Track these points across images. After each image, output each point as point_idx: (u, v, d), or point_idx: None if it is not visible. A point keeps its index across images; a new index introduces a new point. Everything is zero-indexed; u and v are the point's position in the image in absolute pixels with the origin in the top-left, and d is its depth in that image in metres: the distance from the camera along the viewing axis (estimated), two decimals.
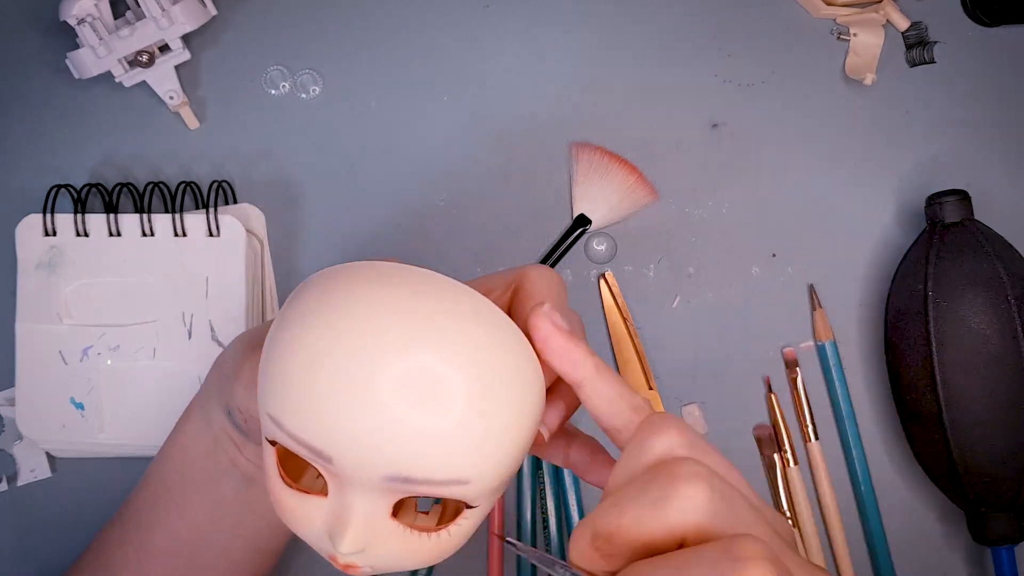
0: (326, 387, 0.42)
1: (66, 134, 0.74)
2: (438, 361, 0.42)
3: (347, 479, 0.44)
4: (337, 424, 0.42)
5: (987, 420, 0.67)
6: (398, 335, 0.42)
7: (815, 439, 0.73)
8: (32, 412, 0.70)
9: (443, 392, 0.42)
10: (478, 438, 0.43)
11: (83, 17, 0.69)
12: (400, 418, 0.42)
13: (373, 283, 0.44)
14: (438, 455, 0.43)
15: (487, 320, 0.44)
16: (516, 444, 0.45)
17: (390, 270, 0.45)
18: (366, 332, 0.42)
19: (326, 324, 0.43)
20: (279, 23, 0.75)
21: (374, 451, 0.42)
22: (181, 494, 0.60)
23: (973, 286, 0.68)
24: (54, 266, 0.70)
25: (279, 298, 0.73)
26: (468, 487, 0.44)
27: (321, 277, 0.46)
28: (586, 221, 0.73)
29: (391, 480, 0.43)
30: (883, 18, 0.75)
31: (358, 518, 0.44)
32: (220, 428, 0.59)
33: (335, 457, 0.43)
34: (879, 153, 0.75)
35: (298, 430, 0.43)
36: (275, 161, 0.74)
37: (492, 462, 0.44)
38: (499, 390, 0.43)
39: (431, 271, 0.46)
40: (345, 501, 0.44)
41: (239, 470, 0.59)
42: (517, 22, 0.75)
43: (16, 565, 0.72)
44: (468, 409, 0.43)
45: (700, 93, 0.76)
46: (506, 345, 0.44)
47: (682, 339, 0.74)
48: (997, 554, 0.70)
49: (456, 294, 0.45)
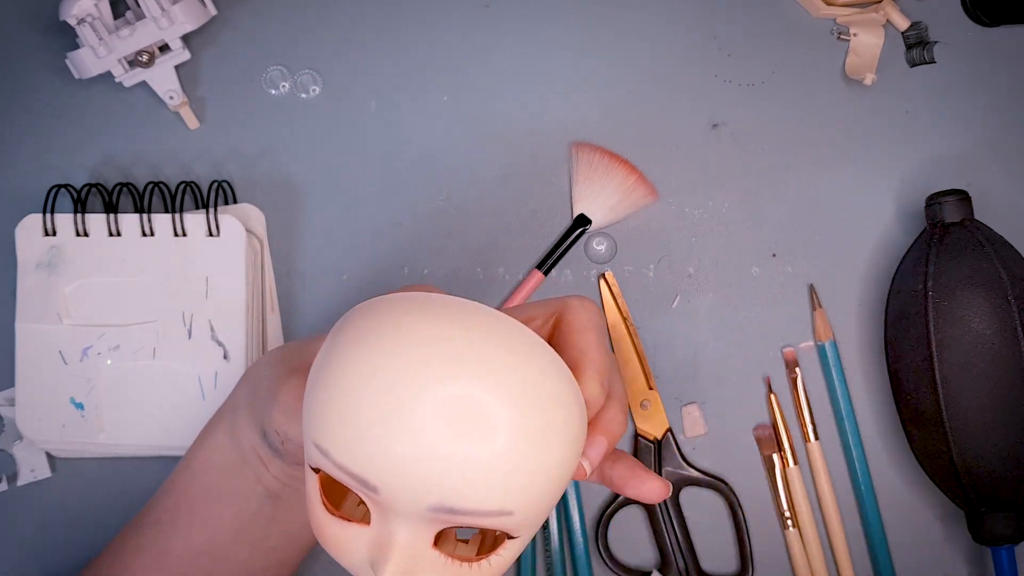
0: (373, 418, 0.43)
1: (66, 134, 0.74)
2: (483, 391, 0.43)
3: (391, 509, 0.44)
4: (383, 455, 0.43)
5: (987, 420, 0.67)
6: (443, 365, 0.43)
7: (815, 439, 0.73)
8: (32, 412, 0.70)
9: (488, 423, 0.43)
10: (523, 469, 0.43)
11: (83, 17, 0.69)
12: (446, 449, 0.42)
13: (416, 314, 0.45)
14: (483, 487, 0.43)
15: (531, 351, 0.45)
16: (560, 475, 0.45)
17: (434, 301, 0.46)
18: (411, 363, 0.43)
19: (371, 355, 0.43)
20: (279, 23, 0.75)
21: (420, 482, 0.43)
22: (203, 507, 0.61)
23: (973, 286, 0.68)
24: (54, 266, 0.70)
25: (279, 298, 0.73)
26: (512, 518, 0.44)
27: (366, 308, 0.46)
28: (586, 221, 0.73)
29: (435, 511, 0.44)
30: (883, 18, 0.75)
31: (401, 548, 0.45)
32: (248, 446, 0.59)
33: (380, 487, 0.43)
34: (879, 153, 0.76)
35: (345, 460, 0.44)
36: (275, 161, 0.74)
37: (537, 493, 0.44)
38: (543, 421, 0.44)
39: (474, 302, 0.46)
40: (388, 530, 0.45)
41: (264, 486, 0.60)
42: (517, 22, 0.75)
43: (17, 565, 0.72)
44: (513, 440, 0.43)
45: (700, 93, 0.76)
46: (550, 377, 0.45)
47: (682, 339, 0.74)
48: (997, 554, 0.70)
49: (501, 325, 0.45)
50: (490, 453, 0.43)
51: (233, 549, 0.62)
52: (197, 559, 0.61)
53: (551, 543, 0.72)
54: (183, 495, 0.62)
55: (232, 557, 0.62)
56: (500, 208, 0.74)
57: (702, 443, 0.74)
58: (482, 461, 0.43)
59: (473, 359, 0.43)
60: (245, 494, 0.61)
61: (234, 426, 0.60)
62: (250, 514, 0.61)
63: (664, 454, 0.72)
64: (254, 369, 0.61)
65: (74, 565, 0.70)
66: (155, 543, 0.62)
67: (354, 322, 0.46)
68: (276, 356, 0.59)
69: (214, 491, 0.61)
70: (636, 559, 0.73)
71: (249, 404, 0.59)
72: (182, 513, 0.62)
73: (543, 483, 0.44)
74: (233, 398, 0.61)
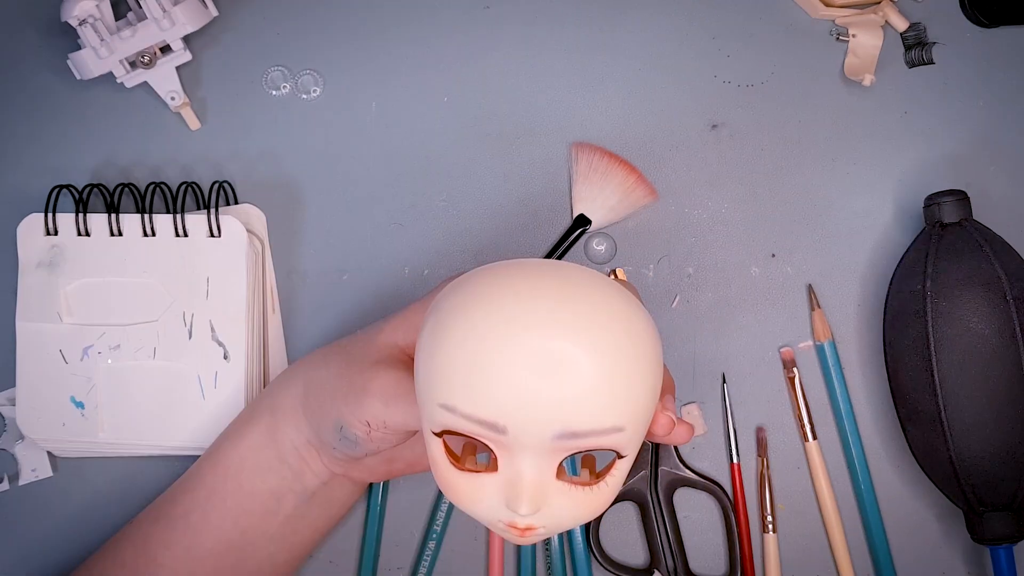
0: (492, 367, 0.48)
1: (67, 134, 0.74)
2: (582, 333, 0.48)
3: (519, 446, 0.49)
4: (507, 397, 0.48)
5: (985, 420, 0.67)
6: (544, 313, 0.48)
7: (814, 439, 0.73)
8: (33, 411, 0.70)
9: (588, 358, 0.48)
10: (628, 387, 0.49)
11: (84, 18, 0.69)
12: (562, 381, 0.48)
13: (516, 273, 0.50)
14: (597, 408, 0.48)
15: (613, 289, 0.51)
16: (652, 392, 0.50)
17: (524, 263, 0.51)
18: (518, 313, 0.48)
19: (486, 310, 0.49)
20: (280, 24, 0.75)
21: (543, 414, 0.48)
22: (236, 503, 0.64)
23: (972, 286, 0.68)
24: (55, 265, 0.70)
25: (280, 298, 0.73)
26: (623, 434, 0.49)
27: (466, 278, 0.51)
28: (586, 221, 0.74)
29: (560, 438, 0.48)
30: (882, 19, 0.75)
31: (531, 481, 0.50)
32: (290, 446, 0.63)
33: (509, 427, 0.48)
34: (878, 154, 0.76)
35: (472, 410, 0.48)
36: (276, 162, 0.74)
37: (640, 407, 0.50)
38: (637, 345, 0.49)
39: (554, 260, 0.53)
40: (517, 469, 0.50)
41: (303, 484, 0.63)
42: (517, 23, 0.76)
43: (18, 564, 0.72)
44: (616, 362, 0.48)
45: (700, 93, 0.76)
46: (635, 307, 0.51)
47: (682, 339, 0.74)
48: (995, 553, 0.70)
49: (589, 277, 0.51)
50: (603, 376, 0.48)
51: (262, 544, 0.64)
52: (226, 554, 0.64)
53: (551, 542, 0.72)
54: (215, 492, 0.64)
55: (259, 550, 0.64)
56: (500, 208, 0.75)
57: (701, 443, 0.74)
58: (593, 386, 0.48)
59: (575, 299, 0.49)
60: (280, 493, 0.63)
61: (274, 428, 0.63)
62: (284, 512, 0.64)
63: (661, 454, 0.72)
64: (304, 372, 0.63)
65: (75, 564, 0.70)
66: (185, 537, 0.64)
67: (462, 288, 0.50)
68: (335, 358, 0.62)
69: (247, 489, 0.63)
70: (627, 557, 0.73)
71: (302, 406, 0.62)
72: (214, 508, 0.64)
73: (640, 398, 0.50)
74: (272, 400, 0.64)
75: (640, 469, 0.72)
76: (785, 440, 0.74)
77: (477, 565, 0.73)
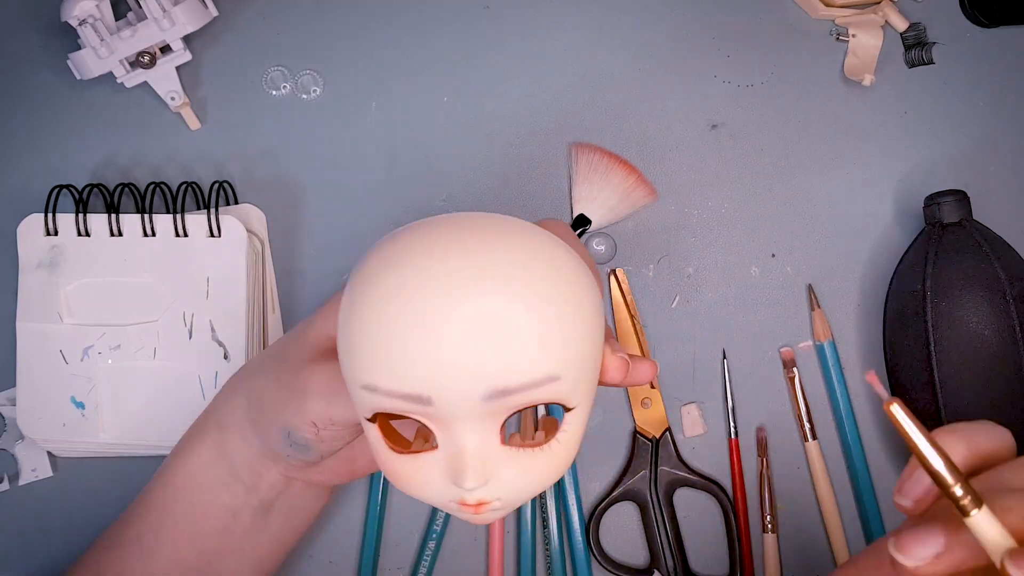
0: (406, 337, 0.45)
1: (67, 134, 0.74)
2: (501, 283, 0.45)
3: (451, 415, 0.46)
4: (426, 366, 0.45)
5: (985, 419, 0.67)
6: (458, 257, 0.45)
7: (813, 439, 0.73)
8: (33, 411, 0.70)
9: (514, 295, 0.45)
10: (556, 333, 0.46)
11: (84, 18, 0.69)
12: (482, 338, 0.45)
13: (421, 230, 0.47)
14: (524, 359, 0.45)
15: (530, 231, 0.48)
16: (592, 335, 0.48)
17: (436, 222, 0.48)
18: (431, 277, 0.45)
19: (394, 282, 0.46)
20: (280, 24, 0.75)
21: (467, 375, 0.45)
22: (189, 523, 0.61)
23: (971, 286, 0.68)
24: (55, 265, 0.70)
25: (280, 298, 0.73)
26: (562, 383, 0.46)
27: (381, 243, 0.48)
28: (586, 221, 0.74)
29: (490, 398, 0.45)
30: (882, 19, 0.75)
31: (472, 451, 0.47)
32: (241, 460, 0.60)
33: (433, 395, 0.45)
34: (878, 153, 0.76)
35: (394, 385, 0.46)
36: (276, 162, 0.74)
37: (577, 352, 0.47)
38: (561, 285, 0.47)
39: (481, 212, 0.50)
40: (455, 442, 0.47)
41: (259, 498, 0.61)
42: (517, 23, 0.76)
43: (17, 564, 0.72)
44: (540, 311, 0.45)
45: (700, 93, 0.76)
46: (557, 247, 0.48)
47: (682, 339, 0.74)
48: None
49: (510, 225, 0.48)
50: (523, 327, 0.45)
51: (221, 562, 0.62)
52: (185, 575, 0.61)
53: (551, 542, 0.72)
54: (166, 512, 0.61)
55: (222, 570, 0.62)
56: (500, 208, 0.75)
57: (701, 443, 0.74)
58: (518, 336, 0.45)
59: (479, 252, 0.46)
60: (236, 508, 0.61)
61: (223, 443, 0.60)
62: (241, 527, 0.61)
63: (661, 454, 0.73)
64: (244, 383, 0.60)
65: None
66: (139, 563, 0.61)
67: (371, 259, 0.48)
68: (270, 364, 0.58)
69: (200, 507, 0.61)
70: (627, 557, 0.73)
71: (248, 418, 0.59)
72: (166, 530, 0.61)
73: (574, 342, 0.47)
74: (218, 416, 0.61)
75: (640, 469, 0.72)
76: (785, 440, 0.74)
77: (477, 565, 0.73)
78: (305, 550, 0.72)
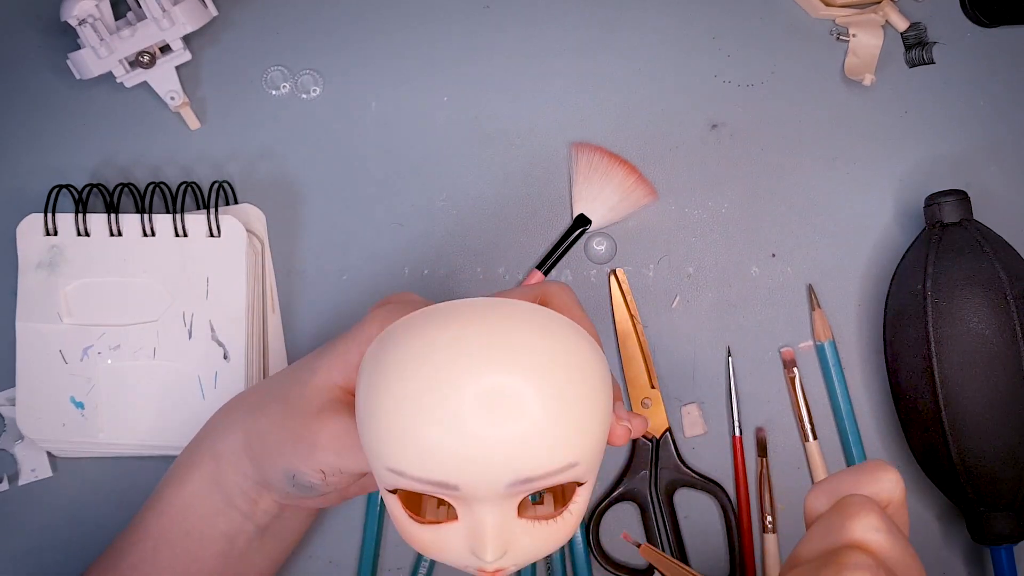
0: (435, 428, 0.47)
1: (67, 134, 0.74)
2: (520, 379, 0.47)
3: (474, 498, 0.48)
4: (453, 453, 0.47)
5: (986, 420, 0.67)
6: (479, 359, 0.47)
7: (814, 438, 0.73)
8: (32, 411, 0.70)
9: (541, 389, 0.47)
10: (578, 422, 0.48)
11: (84, 18, 0.69)
12: (508, 429, 0.47)
13: (440, 322, 0.49)
14: (547, 449, 0.47)
15: (552, 320, 0.50)
16: (603, 417, 0.50)
17: (449, 308, 0.50)
18: (459, 366, 0.47)
19: (416, 367, 0.48)
20: (279, 24, 0.75)
21: (493, 467, 0.47)
22: (185, 549, 0.62)
23: (972, 286, 0.68)
24: (55, 265, 0.70)
25: (280, 298, 0.73)
26: (579, 467, 0.49)
27: (390, 334, 0.50)
28: (586, 221, 0.74)
29: (514, 485, 0.48)
30: (882, 19, 0.75)
31: (493, 528, 0.49)
32: (237, 490, 0.61)
33: (460, 484, 0.47)
34: (878, 153, 0.76)
35: (422, 473, 0.48)
36: (276, 161, 0.74)
37: (590, 438, 0.49)
38: (583, 376, 0.49)
39: (486, 298, 0.52)
40: (477, 518, 0.49)
41: (255, 523, 0.62)
42: (517, 23, 0.76)
43: (17, 565, 0.72)
44: (564, 402, 0.48)
45: (700, 93, 0.76)
46: (575, 335, 0.50)
47: (682, 339, 0.74)
48: (996, 554, 0.70)
49: (520, 311, 0.50)
50: (545, 419, 0.47)
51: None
52: None
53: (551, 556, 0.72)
54: (162, 540, 0.62)
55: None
56: (500, 208, 0.75)
57: (701, 443, 0.74)
58: (540, 428, 0.47)
59: (506, 347, 0.48)
60: (232, 534, 0.62)
61: (218, 473, 0.61)
62: (238, 551, 0.62)
63: (661, 454, 0.72)
64: (243, 420, 0.61)
65: (75, 564, 0.70)
66: None
67: (386, 348, 0.50)
68: (273, 406, 0.59)
69: (196, 534, 0.62)
70: (627, 557, 0.73)
71: (245, 453, 0.60)
72: (163, 558, 0.62)
73: (592, 428, 0.49)
74: (213, 445, 0.62)
75: (640, 469, 0.72)
76: (785, 440, 0.74)
77: None
78: (305, 550, 0.72)
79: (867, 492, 0.51)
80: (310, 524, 0.67)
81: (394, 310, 0.57)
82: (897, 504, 0.51)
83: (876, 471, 0.51)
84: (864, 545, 0.48)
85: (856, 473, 0.51)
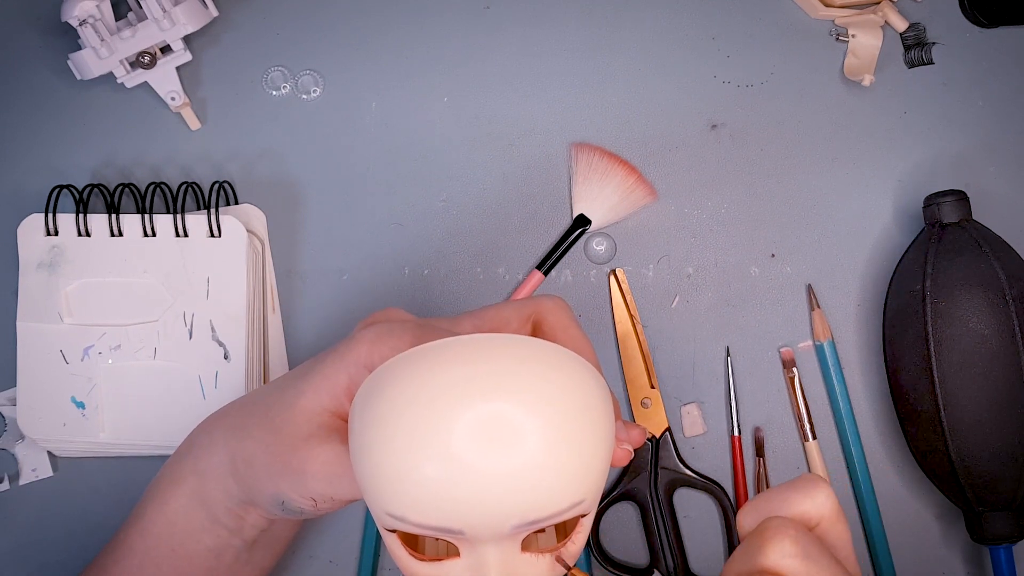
0: (437, 471, 0.45)
1: (68, 135, 0.74)
2: (520, 411, 0.46)
3: (478, 540, 0.48)
4: (457, 501, 0.46)
5: (985, 419, 0.67)
6: (477, 388, 0.46)
7: (813, 438, 0.73)
8: (33, 411, 0.70)
9: (544, 428, 0.46)
10: (582, 461, 0.47)
11: (84, 18, 0.69)
12: (513, 473, 0.46)
13: (433, 359, 0.48)
14: (552, 491, 0.47)
15: (550, 355, 0.49)
16: (606, 450, 0.49)
17: (438, 350, 0.48)
18: (449, 402, 0.46)
19: (411, 414, 0.46)
20: (280, 24, 0.75)
21: (498, 511, 0.46)
22: (171, 567, 0.61)
23: (971, 286, 0.68)
24: (55, 265, 0.70)
25: (280, 298, 0.73)
26: (584, 503, 0.48)
27: (386, 369, 0.49)
28: (586, 221, 0.74)
29: (519, 527, 0.47)
30: (881, 19, 0.75)
31: (495, 567, 0.48)
32: (223, 508, 0.59)
33: (465, 529, 0.47)
34: (877, 154, 0.76)
35: (423, 519, 0.47)
36: (276, 162, 0.74)
37: (595, 474, 0.48)
38: (583, 414, 0.48)
39: (481, 334, 0.50)
40: (480, 558, 0.48)
41: (242, 538, 0.61)
42: (517, 23, 0.76)
43: (17, 564, 0.72)
44: (570, 438, 0.47)
45: (700, 94, 0.76)
46: (575, 375, 0.49)
47: (682, 339, 0.74)
48: (995, 553, 0.70)
49: (517, 344, 0.49)
50: (548, 462, 0.46)
51: None
52: None
53: None
54: (147, 559, 0.61)
55: None
56: (500, 208, 0.75)
57: (701, 443, 0.74)
58: (547, 472, 0.46)
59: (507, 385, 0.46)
60: (219, 550, 0.61)
61: (201, 491, 0.60)
62: (225, 565, 0.61)
63: (661, 453, 0.73)
64: (226, 440, 0.59)
65: (76, 564, 0.70)
66: None
67: (378, 386, 0.48)
68: (258, 428, 0.57)
69: (183, 551, 0.61)
70: (627, 557, 0.73)
71: (231, 473, 0.58)
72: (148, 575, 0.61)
73: (596, 464, 0.48)
74: (195, 462, 0.60)
75: (640, 469, 0.73)
76: (785, 440, 0.74)
77: None
78: (305, 550, 0.72)
79: (797, 509, 0.49)
80: (295, 533, 0.66)
81: (382, 330, 0.55)
82: (831, 520, 0.50)
83: (807, 487, 0.50)
84: (776, 572, 0.47)
85: (786, 490, 0.50)
